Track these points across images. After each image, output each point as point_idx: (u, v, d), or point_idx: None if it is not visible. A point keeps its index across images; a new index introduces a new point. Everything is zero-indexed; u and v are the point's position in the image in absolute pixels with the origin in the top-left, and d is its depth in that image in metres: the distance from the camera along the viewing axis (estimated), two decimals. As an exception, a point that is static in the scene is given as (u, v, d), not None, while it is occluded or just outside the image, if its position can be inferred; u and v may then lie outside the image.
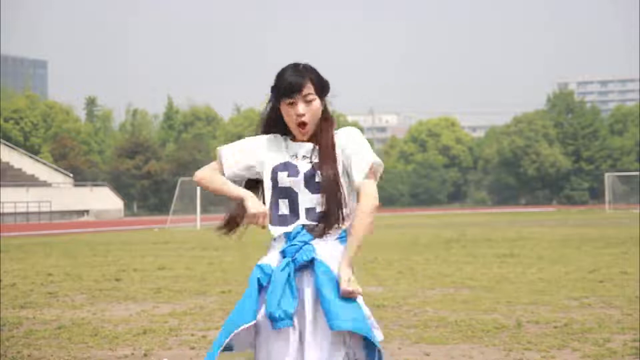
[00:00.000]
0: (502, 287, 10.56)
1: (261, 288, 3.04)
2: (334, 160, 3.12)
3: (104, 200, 54.38)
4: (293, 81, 3.11)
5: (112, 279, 12.34)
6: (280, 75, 3.16)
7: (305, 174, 3.10)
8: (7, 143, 56.09)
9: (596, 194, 74.53)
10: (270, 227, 3.15)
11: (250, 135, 3.34)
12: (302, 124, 3.14)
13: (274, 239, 3.17)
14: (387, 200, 72.78)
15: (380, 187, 3.18)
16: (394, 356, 6.33)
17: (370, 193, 3.13)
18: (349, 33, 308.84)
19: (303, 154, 3.16)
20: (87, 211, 52.75)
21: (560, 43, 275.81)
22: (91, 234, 30.29)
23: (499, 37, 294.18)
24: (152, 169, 64.46)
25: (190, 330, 7.61)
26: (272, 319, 2.95)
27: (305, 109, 3.12)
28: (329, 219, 3.08)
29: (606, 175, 57.45)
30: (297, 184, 3.11)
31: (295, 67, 3.17)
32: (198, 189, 34.77)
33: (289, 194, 3.12)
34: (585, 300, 9.14)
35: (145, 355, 6.53)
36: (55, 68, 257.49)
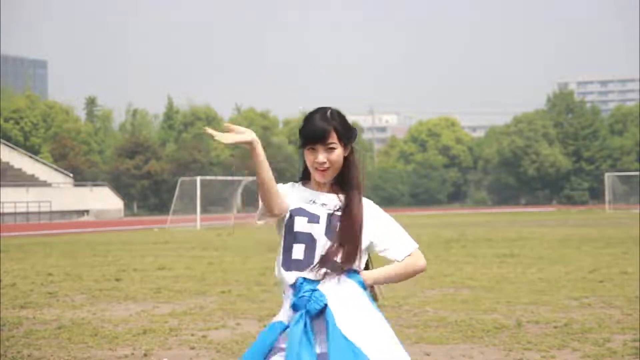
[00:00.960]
0: (502, 287, 10.56)
1: (271, 348, 3.04)
2: (360, 214, 3.15)
3: (104, 200, 54.35)
4: (317, 129, 3.10)
5: (112, 279, 12.34)
6: (307, 120, 3.16)
7: (327, 222, 3.10)
8: (7, 143, 56.07)
9: (596, 194, 74.51)
10: (283, 272, 3.12)
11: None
12: (322, 171, 3.13)
13: (284, 293, 3.15)
14: (387, 200, 72.73)
15: (380, 187, 3.20)
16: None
17: (423, 258, 3.31)
18: (349, 33, 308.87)
19: (323, 202, 3.16)
20: (87, 211, 52.74)
21: (560, 43, 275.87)
22: (91, 234, 30.29)
23: (499, 37, 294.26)
24: (152, 169, 64.42)
25: (190, 330, 7.61)
26: None
27: (326, 157, 3.12)
28: (339, 269, 3.09)
29: (606, 175, 57.44)
30: (316, 230, 3.10)
31: (323, 113, 3.15)
32: (198, 189, 34.78)
33: (306, 240, 3.11)
34: (585, 300, 9.14)
35: (145, 355, 6.53)
36: (55, 68, 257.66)
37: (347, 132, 3.18)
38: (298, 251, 3.10)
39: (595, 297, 9.43)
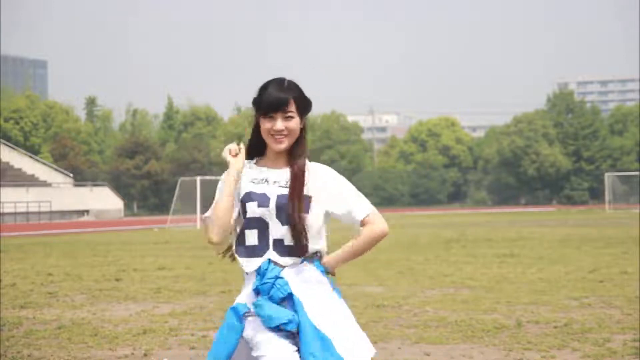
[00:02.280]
0: (502, 287, 10.56)
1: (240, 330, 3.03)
2: (301, 192, 3.08)
3: (104, 200, 54.35)
4: (276, 98, 3.08)
5: (112, 279, 12.34)
6: (264, 89, 3.12)
7: (277, 204, 3.06)
8: (7, 143, 56.06)
9: (596, 194, 74.51)
10: (239, 259, 3.13)
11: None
12: (278, 139, 3.11)
13: (246, 273, 3.15)
14: (387, 200, 72.73)
15: (380, 187, 3.20)
16: (394, 356, 6.33)
17: (382, 220, 3.14)
18: (349, 33, 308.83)
19: (274, 179, 3.12)
20: (87, 211, 52.74)
21: (560, 43, 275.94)
22: (91, 234, 30.28)
23: (499, 37, 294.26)
24: (152, 169, 64.42)
25: (190, 330, 7.61)
26: (281, 326, 2.94)
27: (284, 125, 3.09)
28: (295, 252, 3.05)
29: (606, 175, 57.43)
30: (268, 214, 3.07)
31: (280, 83, 3.12)
32: (198, 189, 34.77)
33: (259, 225, 3.08)
34: (585, 300, 9.14)
35: (145, 355, 6.53)
36: (55, 68, 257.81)
37: (304, 103, 3.16)
38: (252, 237, 3.09)
39: (595, 297, 9.43)
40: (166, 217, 38.43)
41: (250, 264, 3.10)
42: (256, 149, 3.22)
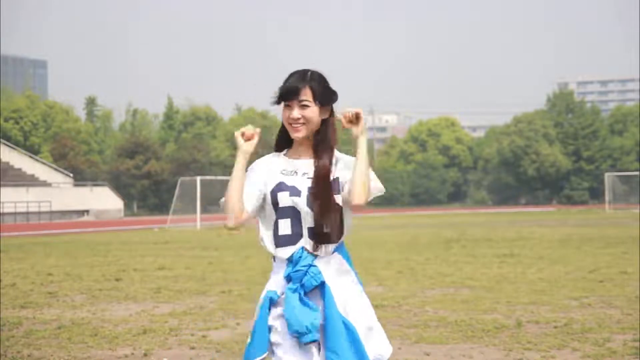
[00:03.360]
0: (502, 287, 10.56)
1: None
2: (328, 179, 3.12)
3: (104, 200, 54.34)
4: (291, 86, 3.15)
5: (112, 279, 12.34)
6: (286, 79, 3.20)
7: (308, 195, 3.11)
8: (7, 143, 56.06)
9: (596, 194, 74.52)
10: (273, 249, 3.15)
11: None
12: (296, 127, 3.15)
13: (274, 261, 3.18)
14: (387, 200, 72.68)
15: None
16: (394, 356, 6.33)
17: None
18: (349, 33, 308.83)
19: (304, 171, 3.17)
20: (87, 211, 52.73)
21: (560, 43, 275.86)
22: (91, 234, 30.28)
23: (499, 37, 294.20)
24: (152, 169, 64.40)
25: (190, 330, 7.61)
26: (299, 335, 2.99)
27: (300, 113, 3.14)
28: (330, 237, 3.10)
29: (606, 175, 57.42)
30: (300, 203, 3.11)
31: (302, 73, 3.19)
32: (198, 188, 34.77)
33: (292, 214, 3.12)
34: (585, 300, 9.14)
35: (145, 355, 6.53)
36: (55, 68, 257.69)
37: (324, 92, 3.19)
38: (285, 226, 3.12)
39: (595, 297, 9.43)
40: (166, 217, 38.42)
41: (284, 252, 3.12)
42: (285, 141, 3.27)
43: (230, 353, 6.55)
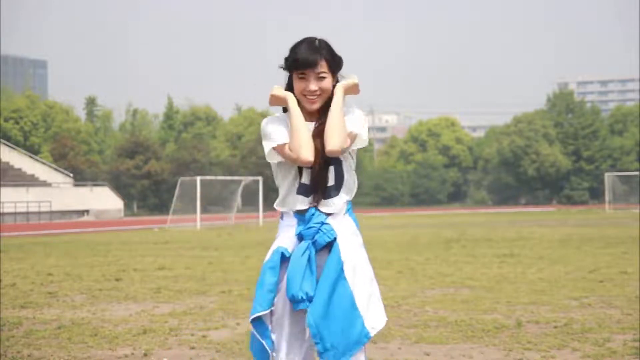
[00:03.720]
0: (502, 287, 10.55)
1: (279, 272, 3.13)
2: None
3: (104, 200, 54.34)
4: (307, 57, 3.11)
5: (112, 279, 12.34)
6: (295, 48, 3.16)
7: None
8: (7, 143, 56.06)
9: (596, 194, 74.55)
10: (296, 197, 3.16)
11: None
12: (312, 98, 3.15)
13: (282, 219, 3.20)
14: (387, 200, 72.69)
15: (380, 187, 3.25)
16: (394, 356, 6.33)
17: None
18: (349, 33, 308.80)
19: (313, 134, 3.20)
20: (87, 211, 52.73)
21: (560, 43, 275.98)
22: (91, 234, 30.27)
23: (499, 37, 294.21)
24: (152, 169, 64.41)
25: (190, 330, 7.60)
26: (293, 301, 3.02)
27: (317, 86, 3.13)
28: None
29: (606, 175, 57.43)
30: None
31: (311, 42, 3.16)
32: (198, 189, 34.77)
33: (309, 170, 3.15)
34: (585, 300, 9.14)
35: (145, 355, 6.53)
36: (55, 68, 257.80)
37: (335, 62, 3.21)
38: (306, 176, 3.14)
39: (595, 297, 9.43)
40: (166, 217, 38.41)
41: (302, 203, 3.13)
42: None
43: (230, 353, 6.54)
